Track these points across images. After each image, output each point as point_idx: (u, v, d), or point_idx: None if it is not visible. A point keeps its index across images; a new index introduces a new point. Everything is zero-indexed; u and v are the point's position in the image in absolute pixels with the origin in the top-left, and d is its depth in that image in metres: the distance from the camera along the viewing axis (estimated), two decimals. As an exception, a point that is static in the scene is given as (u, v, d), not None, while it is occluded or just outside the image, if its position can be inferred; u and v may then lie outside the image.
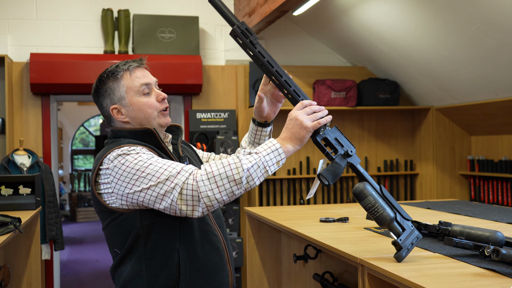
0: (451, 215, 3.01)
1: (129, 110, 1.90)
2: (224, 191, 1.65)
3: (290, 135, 1.77)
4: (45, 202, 4.69)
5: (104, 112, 1.95)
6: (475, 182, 5.59)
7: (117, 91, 1.90)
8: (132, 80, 1.90)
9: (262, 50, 1.87)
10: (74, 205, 11.99)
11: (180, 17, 5.43)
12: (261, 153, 1.71)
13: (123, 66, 1.92)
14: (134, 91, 1.90)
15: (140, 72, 1.93)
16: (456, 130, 5.74)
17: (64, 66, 5.07)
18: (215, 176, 1.65)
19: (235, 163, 1.66)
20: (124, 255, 1.82)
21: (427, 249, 2.01)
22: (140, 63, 1.96)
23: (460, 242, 1.82)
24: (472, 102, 5.03)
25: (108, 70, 1.93)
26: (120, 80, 1.90)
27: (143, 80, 1.92)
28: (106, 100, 1.92)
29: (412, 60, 5.06)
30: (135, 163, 1.73)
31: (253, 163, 1.67)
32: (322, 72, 5.85)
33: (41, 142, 5.26)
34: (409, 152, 6.07)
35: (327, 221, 2.80)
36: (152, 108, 1.90)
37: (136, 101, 1.90)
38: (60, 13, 5.34)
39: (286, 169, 5.71)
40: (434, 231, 2.22)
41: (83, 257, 7.83)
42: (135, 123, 1.91)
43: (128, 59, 1.97)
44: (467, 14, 3.94)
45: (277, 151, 1.73)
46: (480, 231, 1.97)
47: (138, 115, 1.90)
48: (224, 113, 5.49)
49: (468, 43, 4.27)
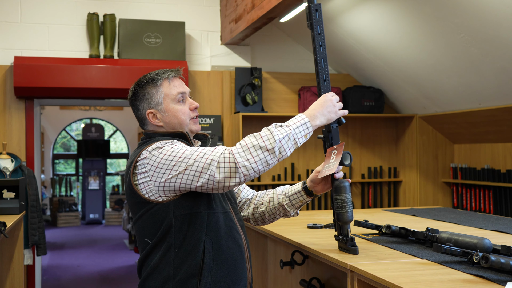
0: (437, 222, 3.04)
1: (164, 116, 2.05)
2: (259, 160, 1.80)
3: (321, 111, 1.98)
4: (28, 206, 4.64)
5: (140, 115, 2.09)
6: (457, 190, 5.65)
7: (155, 96, 2.05)
8: (170, 88, 2.06)
9: (317, 35, 2.13)
10: (55, 210, 11.88)
11: (166, 22, 5.42)
12: (291, 126, 1.88)
13: (163, 74, 2.07)
14: (170, 98, 2.05)
15: (177, 81, 2.09)
16: (439, 138, 5.79)
17: (48, 70, 5.03)
18: (249, 148, 1.81)
19: (266, 135, 1.82)
20: (155, 245, 1.93)
21: (416, 255, 2.03)
22: (177, 73, 2.11)
23: (449, 248, 1.84)
24: (456, 110, 5.08)
25: (148, 76, 2.07)
26: (159, 87, 2.05)
27: (180, 89, 2.07)
28: (143, 104, 2.07)
29: (396, 68, 5.10)
30: (171, 151, 1.87)
31: (284, 134, 1.84)
32: (307, 79, 5.87)
33: (24, 146, 5.21)
34: (393, 159, 6.11)
35: (314, 227, 2.81)
36: (185, 115, 2.06)
37: (172, 107, 2.05)
38: (45, 16, 5.30)
39: (271, 175, 5.72)
40: (422, 238, 2.24)
41: (64, 263, 7.76)
42: (168, 127, 2.06)
43: (167, 68, 2.12)
44: (452, 24, 3.98)
45: (305, 125, 1.91)
46: (467, 238, 1.99)
47: (172, 120, 2.05)
48: (210, 118, 5.49)
49: (452, 52, 4.32)
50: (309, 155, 5.85)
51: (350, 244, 2.10)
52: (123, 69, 5.14)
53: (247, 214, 2.32)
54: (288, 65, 5.92)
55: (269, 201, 2.27)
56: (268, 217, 2.28)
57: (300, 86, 5.79)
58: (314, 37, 2.14)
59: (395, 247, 2.21)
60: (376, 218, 3.19)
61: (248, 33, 5.13)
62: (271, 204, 2.26)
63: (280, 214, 2.26)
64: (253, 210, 2.31)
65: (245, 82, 5.51)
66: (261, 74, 5.54)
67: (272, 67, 5.85)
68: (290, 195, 2.23)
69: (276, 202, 2.25)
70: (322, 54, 2.14)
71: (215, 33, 5.70)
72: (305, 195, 2.20)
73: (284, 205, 2.23)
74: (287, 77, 5.82)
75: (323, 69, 2.13)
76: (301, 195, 2.21)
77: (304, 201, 2.22)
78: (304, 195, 2.20)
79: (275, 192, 2.28)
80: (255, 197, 2.33)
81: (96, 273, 6.97)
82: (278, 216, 2.27)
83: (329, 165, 2.08)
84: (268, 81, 5.76)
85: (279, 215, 2.27)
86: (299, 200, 2.21)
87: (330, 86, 2.14)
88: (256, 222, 2.33)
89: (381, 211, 3.69)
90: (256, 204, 2.30)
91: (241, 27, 4.99)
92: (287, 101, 5.81)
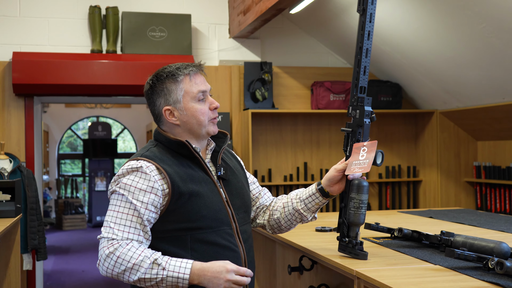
0: (455, 224, 2.99)
1: (182, 114, 2.03)
2: (116, 274, 1.85)
3: (210, 278, 1.86)
4: (27, 209, 4.65)
5: (155, 111, 2.08)
6: (481, 190, 5.58)
7: (174, 93, 2.03)
8: (191, 85, 2.03)
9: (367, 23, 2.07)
10: (60, 212, 11.94)
11: (172, 15, 5.41)
12: (168, 271, 1.83)
13: (184, 69, 2.04)
14: (191, 96, 2.03)
15: (199, 78, 2.06)
16: (461, 135, 5.72)
17: (48, 66, 5.04)
18: (116, 261, 1.84)
19: (139, 264, 1.83)
20: None
21: (428, 260, 1.99)
22: (200, 69, 2.08)
23: (463, 253, 1.80)
24: (478, 105, 5.02)
25: (168, 70, 2.05)
26: (179, 83, 2.03)
27: (201, 87, 2.05)
28: (160, 99, 2.05)
29: (415, 61, 5.04)
30: (115, 198, 1.94)
31: (151, 276, 1.83)
32: (320, 73, 5.83)
33: (24, 146, 5.22)
34: (412, 158, 6.05)
35: (323, 231, 2.79)
36: (204, 115, 2.04)
37: (191, 106, 2.03)
38: (45, 10, 5.31)
39: (283, 175, 5.69)
40: (436, 242, 2.20)
41: (69, 267, 7.79)
42: (185, 127, 2.05)
43: (189, 63, 2.09)
44: (473, 13, 3.92)
45: (181, 280, 1.84)
46: (484, 242, 1.95)
47: (190, 120, 2.03)
48: (218, 116, 5.46)
49: (473, 44, 4.26)
50: (323, 154, 5.81)
51: (359, 248, 2.06)
52: (126, 65, 5.13)
53: (262, 222, 2.30)
54: (300, 59, 5.88)
55: (283, 207, 2.24)
56: (285, 223, 2.25)
57: (313, 81, 5.75)
58: (364, 24, 2.08)
59: (407, 251, 2.17)
60: (390, 221, 3.15)
61: (257, 25, 5.10)
62: (285, 210, 2.23)
63: (296, 220, 2.23)
64: (268, 217, 2.29)
65: (255, 77, 5.49)
66: (271, 68, 5.51)
67: (283, 61, 5.82)
68: (304, 198, 2.19)
69: (291, 208, 2.21)
70: (368, 43, 2.09)
71: (223, 26, 5.67)
72: (320, 196, 2.16)
73: (299, 209, 2.19)
74: (299, 72, 5.79)
75: (365, 60, 2.09)
76: (316, 197, 2.17)
77: (320, 203, 2.18)
78: (320, 197, 2.16)
79: (289, 197, 2.25)
80: (272, 203, 2.32)
81: (101, 279, 6.99)
82: (295, 223, 2.25)
83: (358, 162, 2.04)
84: (279, 76, 5.72)
85: (296, 221, 2.24)
86: (314, 202, 2.18)
87: (367, 80, 2.11)
88: (272, 230, 2.31)
89: (396, 212, 3.65)
90: (272, 211, 2.28)
91: (250, 19, 4.96)
92: (299, 97, 5.78)
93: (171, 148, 2.04)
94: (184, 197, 1.94)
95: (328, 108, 5.55)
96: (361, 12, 2.10)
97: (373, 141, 2.05)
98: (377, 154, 2.04)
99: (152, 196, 1.91)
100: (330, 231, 2.76)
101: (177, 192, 1.93)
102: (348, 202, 2.06)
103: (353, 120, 2.13)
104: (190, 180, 1.97)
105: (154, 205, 1.92)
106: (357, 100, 2.11)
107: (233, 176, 2.15)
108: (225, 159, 2.19)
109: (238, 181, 2.16)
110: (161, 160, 1.98)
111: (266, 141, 5.67)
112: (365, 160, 2.02)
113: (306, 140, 5.79)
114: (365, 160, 2.02)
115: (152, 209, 1.91)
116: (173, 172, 1.95)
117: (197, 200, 1.95)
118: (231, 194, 2.09)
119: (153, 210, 1.92)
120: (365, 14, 2.08)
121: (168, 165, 1.97)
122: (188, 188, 1.95)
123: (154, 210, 1.92)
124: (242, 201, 2.13)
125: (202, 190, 1.97)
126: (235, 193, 2.11)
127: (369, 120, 2.10)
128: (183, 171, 1.98)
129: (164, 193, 1.93)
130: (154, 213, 1.92)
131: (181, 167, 1.99)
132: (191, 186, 1.96)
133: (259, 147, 5.64)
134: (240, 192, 2.13)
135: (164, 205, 1.94)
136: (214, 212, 1.98)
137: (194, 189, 1.96)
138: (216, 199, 2.00)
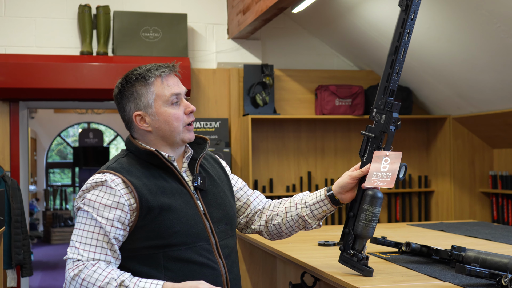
0: (468, 238, 2.98)
1: (154, 120, 1.99)
2: None
3: None
4: (11, 222, 4.65)
5: (126, 117, 2.04)
6: (497, 201, 5.56)
7: (144, 97, 1.99)
8: (163, 88, 1.99)
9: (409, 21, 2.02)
10: (48, 225, 11.92)
11: (167, 15, 5.42)
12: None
13: (155, 71, 1.99)
14: (163, 100, 1.98)
15: (172, 80, 2.02)
16: (476, 142, 5.71)
17: (35, 68, 5.05)
18: (82, 284, 1.80)
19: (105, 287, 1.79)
20: None
21: (437, 277, 1.99)
22: (172, 70, 2.03)
23: (474, 270, 1.79)
24: (494, 110, 5.01)
25: (138, 72, 2.00)
26: (150, 86, 1.98)
27: (174, 89, 2.00)
28: (130, 104, 2.01)
29: (426, 63, 5.05)
30: (80, 215, 1.90)
31: None
32: (325, 76, 5.83)
33: (9, 154, 5.23)
34: (424, 166, 6.04)
35: (326, 245, 2.78)
36: (179, 121, 2.00)
37: (164, 111, 1.98)
38: (32, 9, 5.32)
39: (285, 185, 5.68)
40: (446, 257, 2.20)
41: (57, 284, 7.77)
42: (158, 134, 2.01)
43: (161, 63, 2.03)
44: (487, 12, 3.93)
45: None
46: (497, 257, 1.94)
47: (162, 126, 1.99)
48: (215, 122, 5.47)
49: (488, 45, 4.26)
50: (328, 162, 5.80)
51: (364, 264, 2.04)
52: (118, 68, 5.14)
53: (258, 227, 2.24)
54: (303, 61, 5.88)
55: (285, 212, 2.18)
56: (285, 230, 2.19)
57: (317, 84, 5.75)
58: (405, 21, 2.03)
59: (415, 267, 2.17)
60: (398, 234, 3.14)
61: (257, 25, 5.11)
62: (288, 216, 2.17)
63: (299, 226, 2.18)
64: (266, 223, 2.23)
65: (255, 80, 5.49)
66: (273, 71, 5.52)
67: (285, 64, 5.82)
68: (311, 204, 2.13)
69: (295, 213, 2.16)
70: (406, 43, 2.04)
71: (221, 26, 5.68)
72: (329, 204, 2.11)
73: (304, 216, 2.14)
74: (302, 75, 5.79)
75: (400, 60, 2.05)
76: (324, 204, 2.11)
77: (328, 211, 2.12)
78: (329, 204, 2.11)
79: (293, 201, 2.19)
80: (268, 206, 2.26)
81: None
82: (296, 229, 2.19)
83: (379, 174, 2.00)
84: (280, 79, 5.73)
85: (298, 228, 2.19)
86: (322, 210, 2.12)
87: (398, 83, 2.08)
88: (271, 236, 2.25)
89: (405, 225, 3.64)
90: (270, 216, 2.22)
91: (250, 19, 4.97)
92: (302, 101, 5.78)
93: (141, 158, 2.00)
94: (153, 212, 1.89)
95: (333, 113, 5.54)
96: (403, 7, 2.05)
97: (398, 152, 2.01)
98: (400, 167, 2.00)
99: (118, 212, 1.87)
100: (334, 246, 2.76)
101: (146, 207, 1.89)
102: (359, 213, 2.02)
103: (376, 125, 2.08)
104: (161, 192, 1.93)
105: (121, 222, 1.88)
106: (384, 104, 2.06)
107: (214, 185, 2.10)
108: (206, 166, 2.15)
109: (220, 191, 2.11)
110: (128, 172, 1.94)
111: (267, 149, 5.67)
112: (387, 173, 1.98)
113: (310, 148, 5.79)
114: (387, 173, 1.98)
115: (118, 226, 1.87)
116: (141, 185, 1.91)
117: (169, 215, 1.91)
118: (210, 206, 2.04)
119: (120, 227, 1.88)
120: (407, 11, 2.03)
121: (136, 177, 1.93)
122: (158, 201, 1.90)
123: (121, 227, 1.88)
124: (224, 213, 2.07)
125: (174, 203, 1.93)
126: (215, 205, 2.06)
127: (394, 127, 2.05)
128: (153, 183, 1.94)
129: (132, 208, 1.89)
130: (121, 230, 1.88)
131: (152, 178, 1.95)
132: (162, 199, 1.91)
133: (260, 155, 5.63)
134: (221, 203, 2.08)
135: (132, 221, 1.90)
136: (189, 226, 1.93)
137: (166, 202, 1.91)
138: (191, 212, 1.96)
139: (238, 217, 2.26)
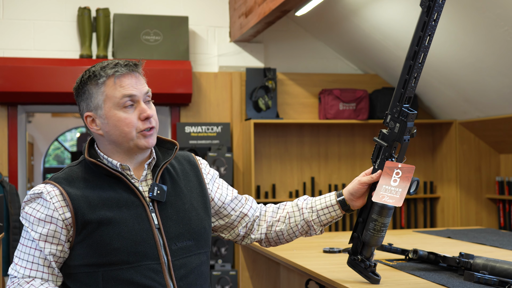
0: (475, 245, 2.99)
1: (104, 123, 1.85)
2: None
3: None
4: (10, 228, 4.66)
5: (81, 117, 1.91)
6: (504, 207, 5.56)
7: (95, 97, 1.84)
8: (114, 89, 1.82)
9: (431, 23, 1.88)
10: (45, 231, 11.93)
11: (167, 17, 5.43)
12: None
13: (110, 69, 1.83)
14: (113, 102, 1.83)
15: (128, 80, 1.84)
16: (482, 147, 5.72)
17: (34, 72, 5.07)
18: None
19: None
20: None
21: (445, 285, 1.99)
22: (130, 69, 1.85)
23: (483, 277, 1.80)
24: (501, 115, 5.02)
25: (92, 69, 1.86)
26: (101, 86, 1.83)
27: (127, 91, 1.83)
28: (83, 103, 1.89)
29: (431, 67, 5.05)
30: (23, 229, 1.84)
31: None
32: (329, 80, 5.84)
33: (7, 159, 5.24)
34: (429, 172, 6.05)
35: (331, 252, 2.78)
36: (130, 126, 1.83)
37: (113, 114, 1.83)
38: (30, 11, 5.34)
39: (288, 191, 5.69)
40: (454, 264, 2.20)
41: (55, 292, 7.77)
42: (109, 139, 1.86)
43: (120, 60, 1.88)
44: (494, 15, 3.94)
45: None
46: (506, 265, 1.95)
47: (112, 131, 1.84)
48: (217, 126, 5.48)
49: (495, 48, 4.27)
50: (331, 168, 5.81)
51: (371, 271, 2.05)
52: (118, 71, 5.14)
53: (260, 236, 2.11)
54: (306, 65, 5.90)
55: (288, 217, 2.07)
56: (287, 236, 2.09)
57: (321, 88, 5.76)
58: (426, 24, 1.88)
59: (422, 275, 2.17)
60: (405, 241, 3.15)
61: (260, 28, 5.12)
62: (291, 221, 2.06)
63: (302, 232, 2.08)
64: (266, 230, 2.10)
65: (258, 84, 5.50)
66: (275, 75, 5.53)
67: (288, 67, 5.83)
68: (319, 209, 2.04)
69: (299, 218, 2.06)
70: (426, 47, 1.90)
71: (223, 29, 5.70)
72: (339, 209, 2.03)
73: (310, 221, 2.05)
74: (305, 79, 5.80)
75: (418, 67, 1.92)
76: (333, 210, 2.03)
77: (336, 217, 2.04)
78: (338, 210, 2.03)
79: (296, 206, 2.09)
80: (265, 212, 2.13)
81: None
82: (298, 235, 2.09)
83: (389, 188, 1.93)
84: (283, 83, 5.74)
85: (300, 234, 2.09)
86: (330, 215, 2.04)
87: (415, 90, 1.96)
88: (268, 243, 2.14)
89: (411, 232, 3.65)
90: (271, 222, 2.10)
91: (252, 22, 4.99)
92: (305, 106, 5.79)
93: (90, 167, 1.88)
94: (90, 226, 1.77)
95: (337, 118, 5.55)
96: (425, 8, 1.89)
97: (411, 166, 1.96)
98: (412, 182, 1.94)
99: (52, 227, 1.77)
100: (339, 253, 2.76)
101: (81, 221, 1.77)
102: (368, 222, 1.99)
103: (389, 133, 2.01)
104: (103, 205, 1.79)
105: (56, 237, 1.77)
106: (399, 112, 1.96)
107: (178, 197, 1.92)
108: (175, 174, 1.97)
109: (185, 202, 1.93)
110: (70, 183, 1.83)
111: (269, 154, 5.68)
112: (397, 189, 1.92)
113: (313, 153, 5.80)
114: (397, 189, 1.92)
115: (53, 241, 1.77)
116: (80, 196, 1.79)
117: (109, 229, 1.77)
118: (169, 220, 1.87)
119: (55, 243, 1.77)
120: (429, 12, 1.88)
121: (78, 189, 1.81)
122: (96, 215, 1.77)
123: (56, 242, 1.78)
124: (186, 228, 1.89)
125: (118, 217, 1.79)
126: (175, 218, 1.88)
127: (409, 137, 1.98)
128: (96, 195, 1.80)
129: (67, 222, 1.78)
130: (57, 246, 1.78)
131: (97, 190, 1.82)
132: (102, 212, 1.78)
133: (262, 161, 5.64)
134: (183, 216, 1.90)
135: (71, 236, 1.79)
136: (133, 243, 1.78)
137: (106, 216, 1.77)
138: (139, 227, 1.80)
139: (234, 228, 2.11)
